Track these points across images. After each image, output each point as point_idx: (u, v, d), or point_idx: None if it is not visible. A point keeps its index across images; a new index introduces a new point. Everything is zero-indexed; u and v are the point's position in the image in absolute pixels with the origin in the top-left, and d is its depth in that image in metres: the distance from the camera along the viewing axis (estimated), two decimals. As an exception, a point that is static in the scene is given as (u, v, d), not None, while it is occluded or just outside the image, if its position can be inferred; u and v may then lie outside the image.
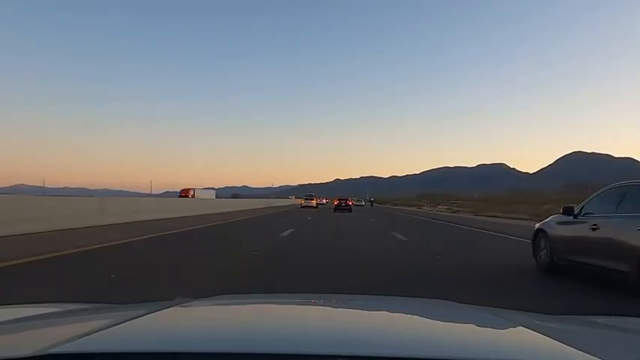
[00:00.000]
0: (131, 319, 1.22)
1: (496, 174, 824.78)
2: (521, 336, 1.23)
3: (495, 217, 32.96)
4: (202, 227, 15.76)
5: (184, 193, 50.31)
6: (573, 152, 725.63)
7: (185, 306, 1.53)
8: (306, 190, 62.97)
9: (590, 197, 6.88)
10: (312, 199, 47.05)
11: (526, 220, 25.62)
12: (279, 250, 9.97)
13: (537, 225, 7.98)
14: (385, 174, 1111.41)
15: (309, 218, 24.98)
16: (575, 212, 6.77)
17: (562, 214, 7.14)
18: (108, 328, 1.13)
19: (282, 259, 8.55)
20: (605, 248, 5.75)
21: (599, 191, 6.74)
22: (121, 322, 1.18)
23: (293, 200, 74.42)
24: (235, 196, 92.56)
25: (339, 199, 42.62)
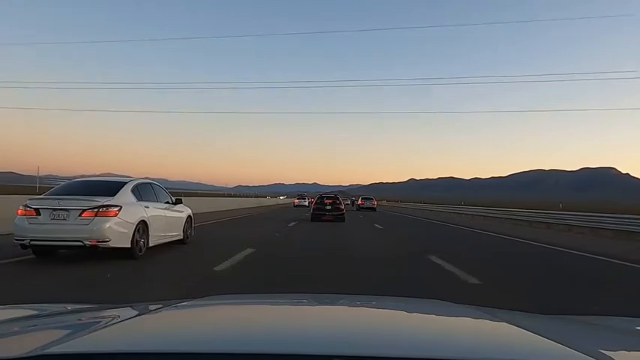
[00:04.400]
0: (129, 319, 1.26)
1: (603, 179, 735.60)
2: (519, 336, 1.25)
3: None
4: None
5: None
6: None
7: (183, 306, 1.55)
8: (377, 190, 77.10)
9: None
10: (304, 199, 51.26)
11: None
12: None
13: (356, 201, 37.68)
14: (466, 175, 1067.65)
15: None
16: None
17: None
18: (106, 328, 1.17)
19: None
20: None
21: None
22: (120, 322, 1.22)
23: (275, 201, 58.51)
24: None
25: (319, 198, 22.27)
